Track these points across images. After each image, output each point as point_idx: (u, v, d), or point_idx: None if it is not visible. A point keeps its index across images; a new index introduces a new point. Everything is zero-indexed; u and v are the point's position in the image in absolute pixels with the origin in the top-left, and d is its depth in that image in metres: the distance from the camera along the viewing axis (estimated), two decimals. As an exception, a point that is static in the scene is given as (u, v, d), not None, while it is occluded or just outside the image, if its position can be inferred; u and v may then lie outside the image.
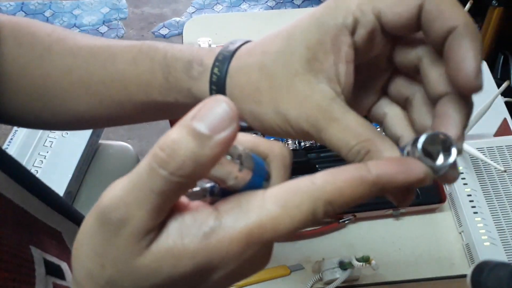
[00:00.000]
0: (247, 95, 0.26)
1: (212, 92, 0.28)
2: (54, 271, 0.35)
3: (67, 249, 0.40)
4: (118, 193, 0.19)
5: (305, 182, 0.19)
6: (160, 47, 0.32)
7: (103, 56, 0.34)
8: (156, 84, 0.31)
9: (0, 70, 0.35)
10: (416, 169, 0.20)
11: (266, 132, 0.27)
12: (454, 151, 0.22)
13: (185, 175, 0.17)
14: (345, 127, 0.23)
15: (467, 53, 0.22)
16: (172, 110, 0.34)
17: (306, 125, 0.24)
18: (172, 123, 0.78)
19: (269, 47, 0.26)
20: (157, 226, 0.19)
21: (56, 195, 0.43)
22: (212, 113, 0.17)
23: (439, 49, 0.23)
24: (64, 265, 0.37)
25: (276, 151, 0.24)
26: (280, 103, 0.25)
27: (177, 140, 0.17)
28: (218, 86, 0.28)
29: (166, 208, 0.19)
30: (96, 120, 0.36)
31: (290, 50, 0.25)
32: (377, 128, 0.26)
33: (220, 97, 0.18)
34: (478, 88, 0.22)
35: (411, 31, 0.24)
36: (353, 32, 0.24)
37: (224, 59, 0.28)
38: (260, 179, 0.21)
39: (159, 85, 0.31)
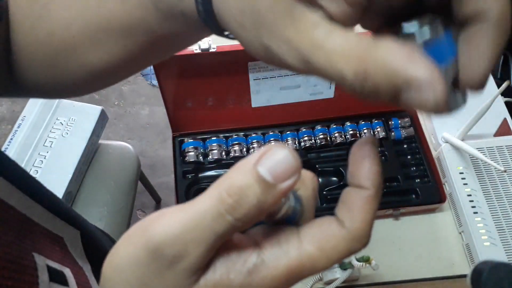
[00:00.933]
0: (231, 15, 0.23)
1: (199, 5, 0.25)
2: (57, 277, 0.35)
3: (69, 254, 0.40)
4: (176, 230, 0.19)
5: (336, 226, 0.20)
6: None
7: (93, 2, 0.33)
8: (151, 19, 0.30)
9: (10, 40, 0.35)
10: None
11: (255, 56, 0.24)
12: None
13: (248, 221, 0.19)
14: (332, 50, 0.19)
15: (482, 48, 0.19)
16: (176, 42, 0.33)
17: (291, 59, 0.21)
18: (172, 124, 0.78)
19: None
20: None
21: (58, 200, 0.43)
22: (276, 160, 0.18)
23: (460, 24, 0.20)
24: (67, 271, 0.37)
25: (308, 184, 0.23)
26: (262, 32, 0.21)
27: (244, 186, 0.18)
28: (203, 2, 0.24)
29: (218, 246, 0.20)
30: (108, 72, 0.35)
31: None
32: None
33: (281, 145, 0.19)
34: (483, 86, 0.20)
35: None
36: None
37: None
38: (296, 212, 0.22)
39: (155, 18, 0.30)
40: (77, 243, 0.42)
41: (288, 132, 0.79)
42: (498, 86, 0.71)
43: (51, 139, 0.95)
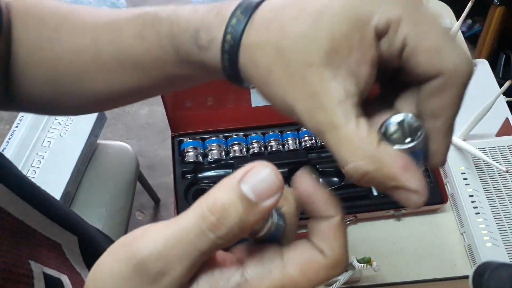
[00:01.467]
0: (259, 72, 0.24)
1: (225, 60, 0.26)
2: (54, 285, 0.34)
3: (66, 260, 0.39)
4: (160, 246, 0.19)
5: (317, 253, 0.21)
6: (164, 18, 0.30)
7: (110, 33, 0.33)
8: (168, 59, 0.30)
9: (11, 56, 0.35)
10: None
11: (268, 100, 0.26)
12: (420, 133, 0.22)
13: (230, 239, 0.19)
14: (344, 136, 0.21)
15: (440, 149, 0.24)
16: (190, 81, 0.33)
17: (309, 124, 0.23)
18: (171, 124, 0.77)
19: (290, 26, 0.23)
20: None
21: (56, 204, 0.42)
22: (259, 179, 0.18)
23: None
24: (64, 278, 0.36)
25: (291, 201, 0.23)
26: (289, 92, 0.23)
27: (226, 205, 0.18)
28: (231, 55, 0.26)
29: (201, 263, 0.20)
30: (114, 98, 0.35)
31: (313, 36, 0.22)
32: None
33: (265, 163, 0.19)
34: (443, 164, 0.25)
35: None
36: (379, 39, 0.22)
37: (235, 31, 0.25)
38: (279, 229, 0.22)
39: (172, 59, 0.30)
40: (75, 249, 0.41)
41: (289, 132, 0.79)
42: (500, 85, 0.71)
43: (49, 139, 0.95)
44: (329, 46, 0.22)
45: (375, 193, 0.74)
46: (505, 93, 0.76)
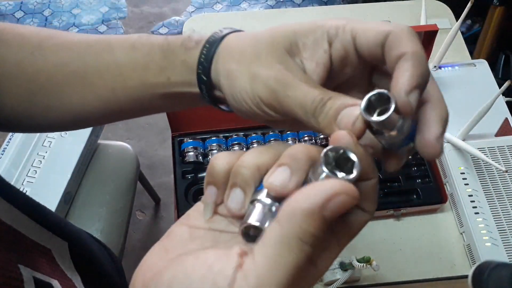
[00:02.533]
0: (231, 55, 0.29)
1: (202, 52, 0.30)
2: None
3: (57, 266, 0.39)
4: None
5: (364, 216, 0.26)
6: (159, 36, 0.34)
7: (100, 46, 0.34)
8: (152, 65, 0.32)
9: None
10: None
11: (231, 94, 0.30)
12: (391, 107, 0.23)
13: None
14: (312, 84, 0.27)
15: (432, 121, 0.26)
16: (163, 95, 0.34)
17: (274, 81, 0.27)
18: (172, 124, 0.78)
19: (265, 32, 0.30)
20: None
21: (46, 210, 0.42)
22: (338, 205, 0.21)
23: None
24: (55, 283, 0.36)
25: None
26: (256, 64, 0.28)
27: (316, 234, 0.21)
28: (210, 47, 0.30)
29: None
30: (88, 115, 0.36)
31: (281, 31, 0.29)
32: None
33: (348, 187, 0.21)
34: (439, 154, 0.26)
35: (379, 60, 0.27)
36: (330, 43, 0.28)
37: (223, 32, 0.31)
38: None
39: (156, 64, 0.32)
40: (65, 255, 0.41)
41: (288, 132, 0.79)
42: (499, 86, 0.71)
43: (50, 139, 0.95)
44: (292, 38, 0.28)
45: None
46: (505, 93, 0.76)
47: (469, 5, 0.75)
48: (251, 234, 0.23)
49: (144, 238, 1.51)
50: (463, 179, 0.74)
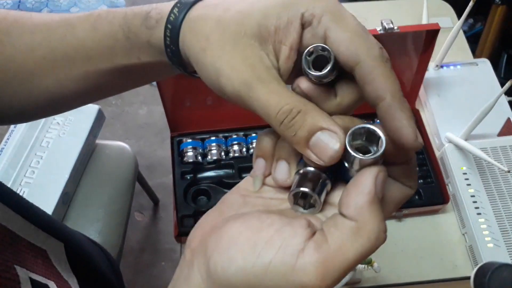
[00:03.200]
0: (197, 41, 0.27)
1: (166, 34, 0.28)
2: None
3: (53, 267, 0.38)
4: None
5: (407, 190, 0.27)
6: (118, 11, 0.32)
7: (62, 29, 0.33)
8: (118, 46, 0.31)
9: None
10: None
11: (204, 81, 0.28)
12: (382, 142, 0.23)
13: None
14: (278, 89, 0.25)
15: (401, 123, 0.24)
16: (138, 73, 0.33)
17: (237, 82, 0.25)
18: (171, 124, 0.77)
19: (233, 6, 0.27)
20: None
21: (40, 211, 0.42)
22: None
23: (372, 104, 0.26)
24: (51, 284, 0.36)
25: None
26: (221, 58, 0.26)
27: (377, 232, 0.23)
28: (173, 28, 0.28)
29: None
30: (67, 98, 0.36)
31: (249, 12, 0.26)
32: None
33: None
34: (419, 146, 0.24)
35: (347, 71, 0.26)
36: (303, 27, 0.26)
37: (183, 6, 0.28)
38: None
39: (121, 46, 0.31)
40: (61, 256, 0.41)
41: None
42: (502, 85, 0.70)
43: (48, 139, 0.94)
44: (261, 21, 0.26)
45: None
46: (507, 93, 0.76)
47: (471, 3, 0.75)
48: (298, 201, 0.26)
49: (143, 239, 1.51)
50: (465, 179, 0.74)
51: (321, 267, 0.22)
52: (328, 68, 0.25)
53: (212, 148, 0.76)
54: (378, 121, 0.27)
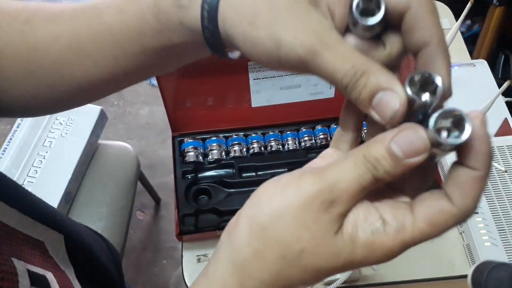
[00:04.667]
0: (242, 17, 0.26)
1: (204, 15, 0.27)
2: (39, 282, 0.34)
3: (50, 258, 0.39)
4: (334, 181, 0.23)
5: (446, 203, 0.24)
6: None
7: (87, 15, 0.32)
8: (148, 29, 0.30)
9: None
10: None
11: (254, 58, 0.27)
12: (468, 127, 0.22)
13: (381, 181, 0.23)
14: (342, 51, 0.24)
15: (441, 68, 0.24)
16: (169, 54, 0.32)
17: (301, 49, 0.24)
18: (172, 124, 0.78)
19: None
20: None
21: (39, 204, 0.42)
22: (408, 141, 0.22)
23: (415, 52, 0.26)
24: (49, 275, 0.36)
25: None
26: (277, 27, 0.25)
27: (378, 157, 0.23)
28: (210, 7, 0.27)
29: (360, 197, 0.24)
30: (94, 86, 0.35)
31: None
32: None
33: (416, 127, 0.22)
34: (450, 96, 0.25)
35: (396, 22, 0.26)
36: None
37: None
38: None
39: (151, 28, 0.30)
40: (60, 247, 0.41)
41: (288, 132, 0.79)
42: (499, 86, 0.71)
43: (50, 139, 0.95)
44: None
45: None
46: (504, 94, 0.76)
47: (468, 5, 0.75)
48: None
49: (145, 238, 1.52)
50: (463, 179, 0.74)
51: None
52: (381, 14, 0.24)
53: (213, 148, 0.77)
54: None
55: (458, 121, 0.22)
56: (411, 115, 0.24)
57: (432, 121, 0.22)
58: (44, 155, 0.93)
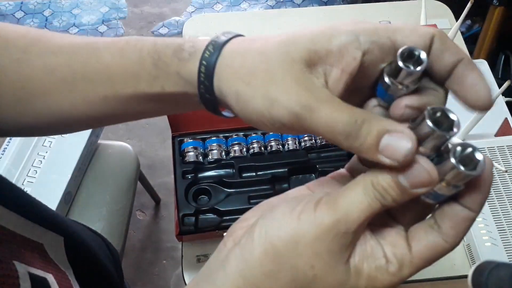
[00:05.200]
0: (237, 76, 0.27)
1: (200, 70, 0.28)
2: (40, 284, 0.34)
3: (50, 260, 0.39)
4: (347, 212, 0.24)
5: (440, 242, 0.25)
6: (148, 38, 0.32)
7: (87, 52, 0.32)
8: (144, 73, 0.31)
9: None
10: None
11: (246, 117, 0.28)
12: (481, 163, 0.23)
13: (388, 207, 0.24)
14: (339, 105, 0.25)
15: (478, 79, 0.25)
16: (159, 102, 0.33)
17: (297, 107, 0.25)
18: (172, 124, 0.78)
19: (272, 38, 0.27)
20: None
21: (38, 206, 0.42)
22: (415, 173, 0.23)
23: (443, 77, 0.26)
24: (49, 277, 0.36)
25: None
26: (272, 87, 0.26)
27: (387, 188, 0.24)
28: (208, 64, 0.28)
29: (368, 220, 0.25)
30: (79, 120, 0.35)
31: (294, 40, 0.26)
32: None
33: (424, 161, 0.23)
34: (491, 105, 0.25)
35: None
36: (364, 52, 0.26)
37: (220, 42, 0.28)
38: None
39: (147, 73, 0.31)
40: (59, 249, 0.41)
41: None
42: (499, 86, 0.71)
43: (50, 139, 0.95)
44: (310, 47, 0.26)
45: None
46: (504, 93, 0.77)
47: (469, 5, 0.75)
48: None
49: (144, 238, 1.52)
50: (463, 179, 0.74)
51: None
52: (424, 63, 0.24)
53: (213, 148, 0.77)
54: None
55: (471, 156, 0.24)
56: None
57: (455, 154, 0.23)
58: (44, 155, 0.93)
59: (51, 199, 0.87)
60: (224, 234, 0.29)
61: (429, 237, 0.25)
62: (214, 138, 0.78)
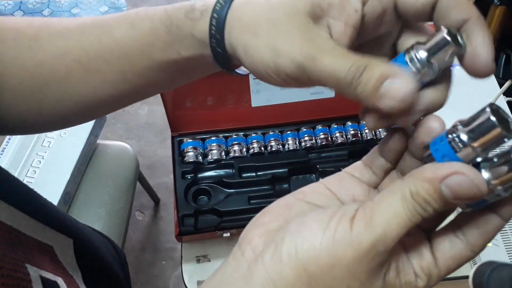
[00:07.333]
0: (245, 28, 0.27)
1: (212, 23, 0.28)
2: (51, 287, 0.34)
3: (59, 263, 0.38)
4: (385, 229, 0.22)
5: (466, 252, 0.24)
6: (158, 7, 0.32)
7: (97, 30, 0.32)
8: (158, 42, 0.31)
9: None
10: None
11: (254, 68, 0.28)
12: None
13: (426, 219, 0.23)
14: (341, 53, 0.25)
15: (483, 41, 0.24)
16: (176, 70, 0.33)
17: (300, 56, 0.25)
18: (171, 124, 0.77)
19: None
20: None
21: (50, 208, 0.41)
22: (459, 184, 0.21)
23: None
24: (60, 280, 0.36)
25: None
26: (276, 37, 0.26)
27: (429, 200, 0.22)
28: (219, 17, 0.28)
29: (407, 231, 0.23)
30: (101, 102, 0.35)
31: None
32: None
33: (469, 169, 0.21)
34: (492, 71, 0.25)
35: (423, 18, 0.26)
36: (364, 2, 0.26)
37: None
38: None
39: (162, 41, 0.31)
40: (68, 252, 0.41)
41: (289, 132, 0.79)
42: (500, 85, 0.71)
43: (49, 139, 0.95)
44: (314, 0, 0.26)
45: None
46: (505, 93, 0.76)
47: (470, 4, 0.75)
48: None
49: (144, 239, 1.51)
50: (464, 179, 0.74)
51: None
52: (453, 46, 0.24)
53: (213, 148, 0.77)
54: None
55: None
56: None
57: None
58: (43, 155, 0.92)
59: (50, 199, 0.84)
60: (226, 234, 0.28)
61: (455, 249, 0.24)
62: (214, 138, 0.78)
